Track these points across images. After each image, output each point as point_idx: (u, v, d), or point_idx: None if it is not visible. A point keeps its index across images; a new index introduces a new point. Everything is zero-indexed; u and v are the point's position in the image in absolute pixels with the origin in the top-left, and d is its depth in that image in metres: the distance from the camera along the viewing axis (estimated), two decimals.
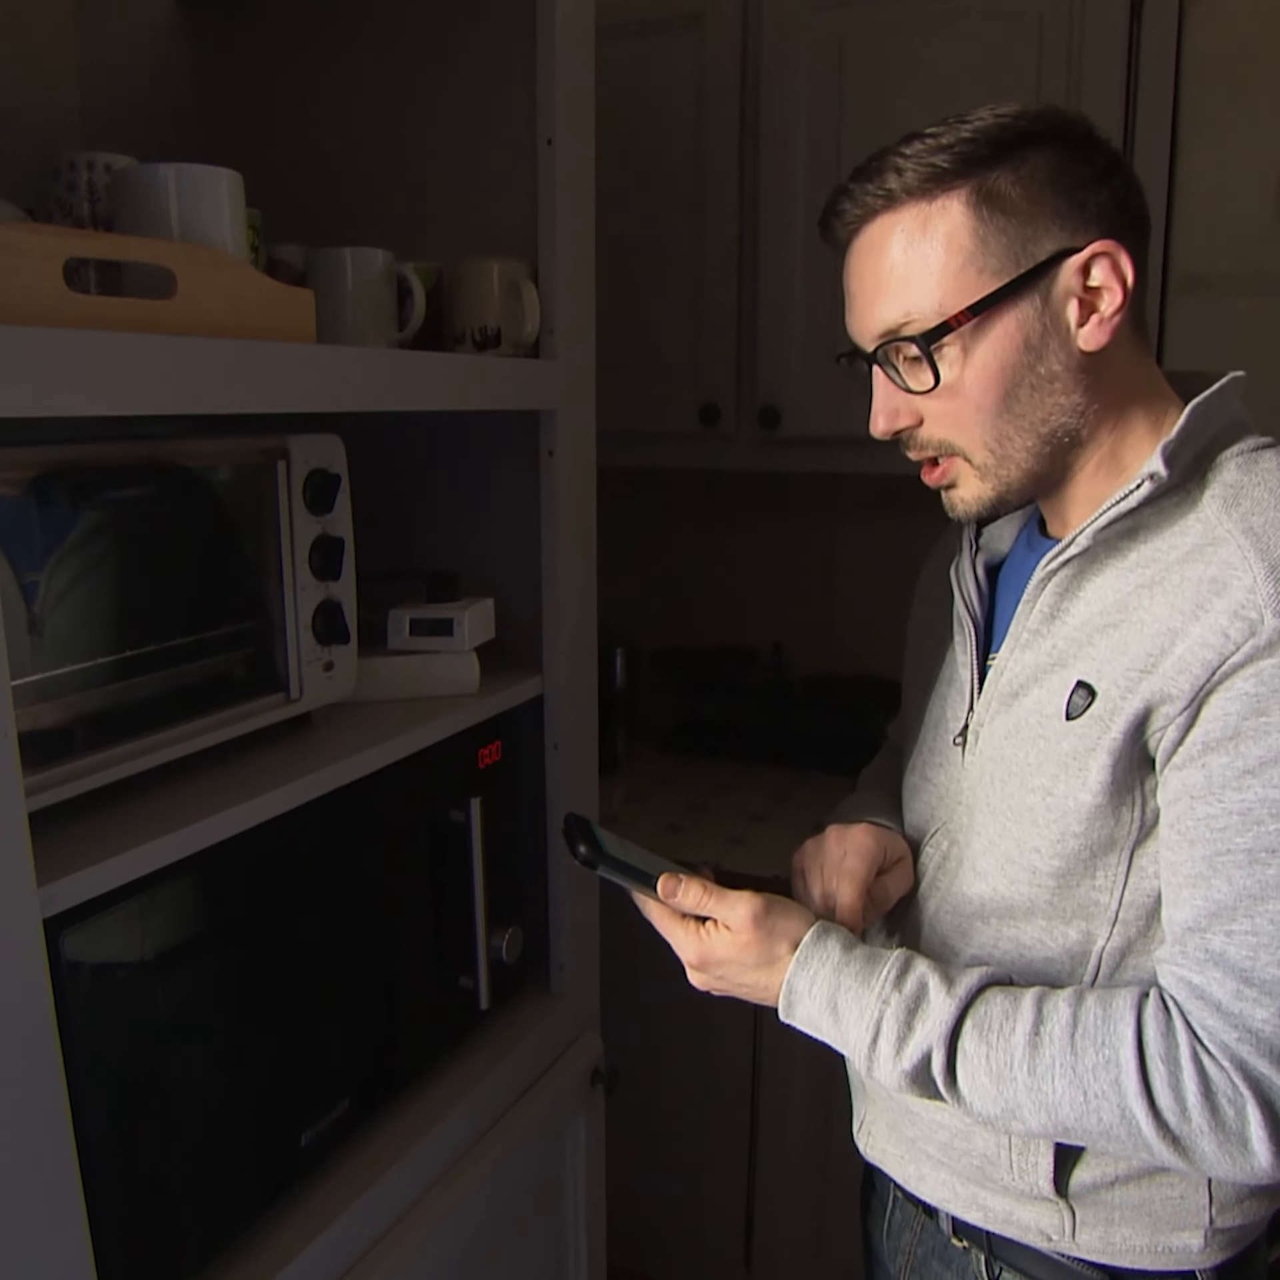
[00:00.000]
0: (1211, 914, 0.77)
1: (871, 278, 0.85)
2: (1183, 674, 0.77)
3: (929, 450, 0.89)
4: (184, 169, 0.84)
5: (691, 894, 0.88)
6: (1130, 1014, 0.78)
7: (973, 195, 0.81)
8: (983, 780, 0.92)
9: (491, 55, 1.18)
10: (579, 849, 0.87)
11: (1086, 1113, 0.78)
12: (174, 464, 0.87)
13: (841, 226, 0.87)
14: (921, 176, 0.82)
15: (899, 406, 0.88)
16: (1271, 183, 1.63)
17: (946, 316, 0.82)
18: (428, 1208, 1.06)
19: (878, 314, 0.85)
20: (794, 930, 0.87)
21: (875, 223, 0.85)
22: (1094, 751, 0.82)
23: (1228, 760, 0.77)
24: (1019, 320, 0.82)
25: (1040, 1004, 0.80)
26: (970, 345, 0.83)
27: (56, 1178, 0.72)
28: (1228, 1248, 0.89)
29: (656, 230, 1.86)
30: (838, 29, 1.71)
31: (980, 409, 0.84)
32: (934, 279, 0.82)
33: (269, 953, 0.92)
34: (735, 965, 0.88)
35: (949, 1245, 1.00)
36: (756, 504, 2.20)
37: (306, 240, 1.11)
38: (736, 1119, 1.82)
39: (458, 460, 1.26)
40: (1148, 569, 0.83)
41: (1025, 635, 0.90)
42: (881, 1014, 0.82)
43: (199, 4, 1.33)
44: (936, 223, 0.82)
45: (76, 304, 0.71)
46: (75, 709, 0.80)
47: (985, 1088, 0.80)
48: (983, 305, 0.82)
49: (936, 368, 0.83)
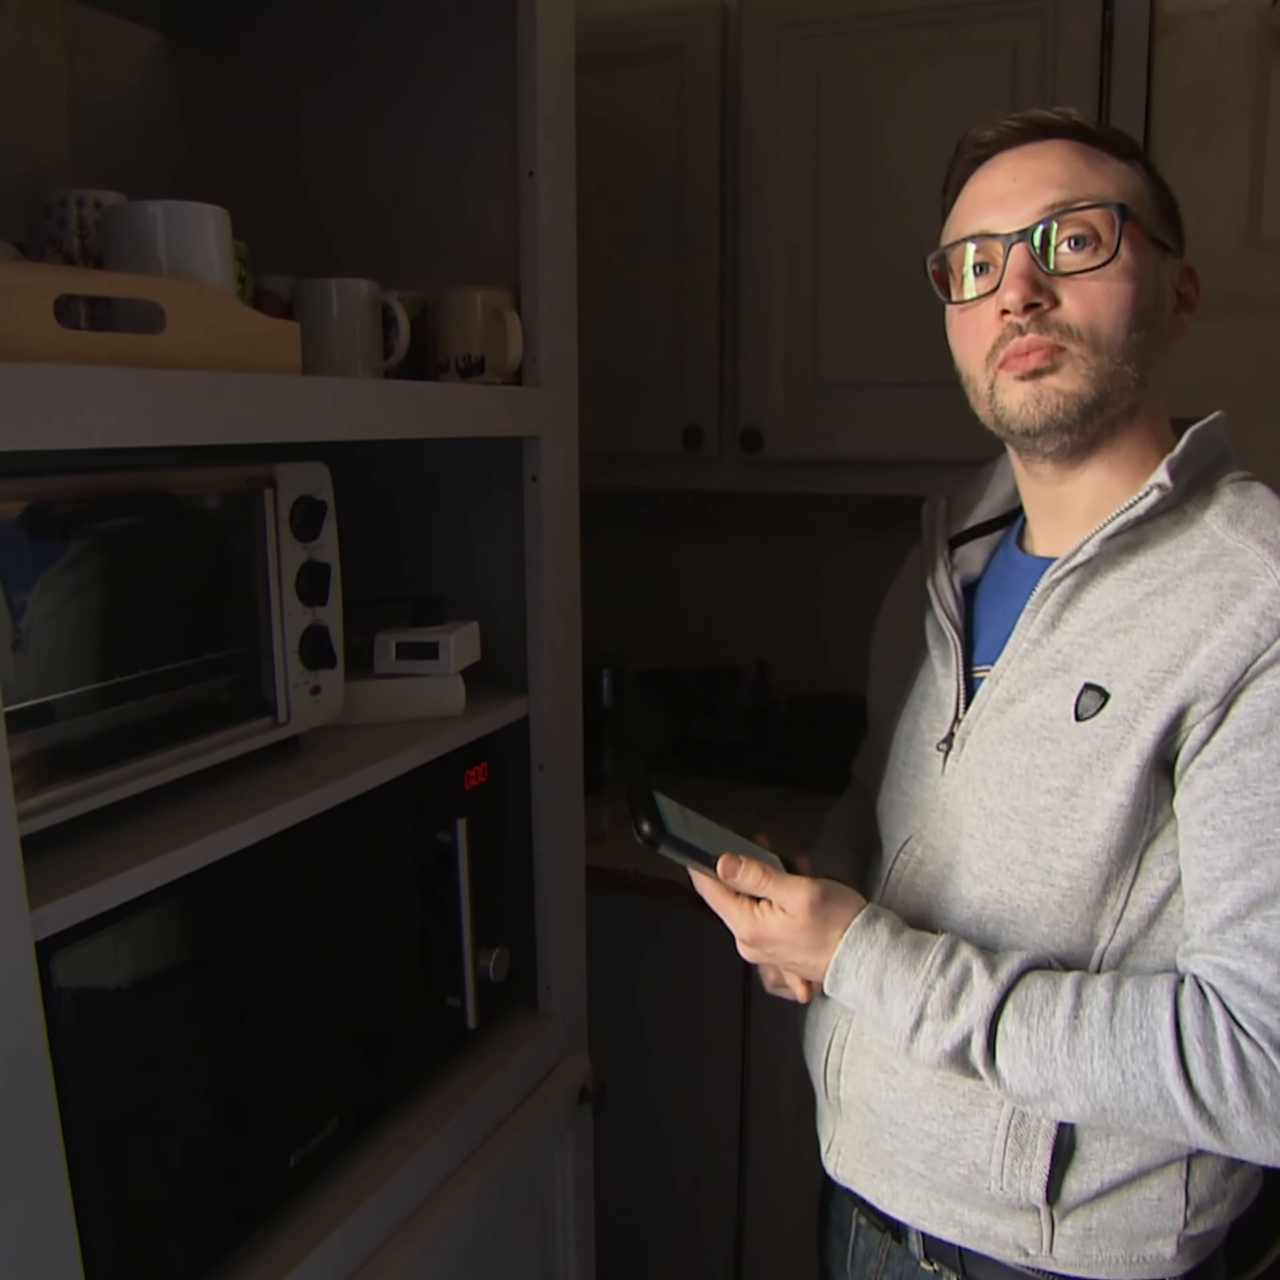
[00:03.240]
0: (1251, 903, 0.80)
1: (1065, 161, 0.88)
2: (1217, 671, 0.81)
3: (1052, 334, 0.87)
4: (172, 206, 0.86)
5: (751, 876, 0.91)
6: (1167, 998, 0.81)
7: (1144, 170, 0.91)
8: (970, 784, 0.94)
9: (473, 88, 1.20)
10: (642, 828, 0.89)
11: (1124, 1092, 0.80)
12: (162, 493, 0.88)
13: (1031, 130, 0.90)
14: (1106, 137, 0.90)
15: (1040, 280, 0.87)
16: (1242, 207, 1.66)
17: (1139, 214, 0.88)
18: (417, 1227, 1.07)
19: (1068, 187, 0.87)
20: (847, 917, 0.91)
21: (1075, 141, 0.89)
22: (1119, 751, 0.85)
23: (1261, 755, 0.80)
24: (1159, 268, 0.90)
25: (1080, 988, 0.84)
26: (1138, 251, 0.88)
27: (48, 1199, 0.73)
28: (1196, 1255, 0.92)
29: (639, 255, 1.88)
30: (816, 60, 1.74)
31: (1123, 310, 0.87)
32: (1130, 185, 0.89)
33: (258, 974, 0.93)
34: (787, 946, 0.92)
35: (918, 1270, 1.00)
36: (741, 525, 2.22)
37: (293, 271, 1.13)
38: (726, 1136, 1.82)
39: (443, 486, 1.28)
40: (1154, 579, 0.87)
41: (1025, 645, 0.92)
42: (926, 998, 0.86)
43: (186, 40, 1.35)
44: (1124, 162, 0.90)
45: (67, 340, 0.72)
46: (65, 735, 0.81)
47: (1026, 1068, 0.83)
48: (1152, 231, 0.89)
49: (1120, 241, 0.86)
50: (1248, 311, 1.65)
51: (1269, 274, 1.64)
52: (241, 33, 1.31)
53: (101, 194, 0.93)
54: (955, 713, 0.97)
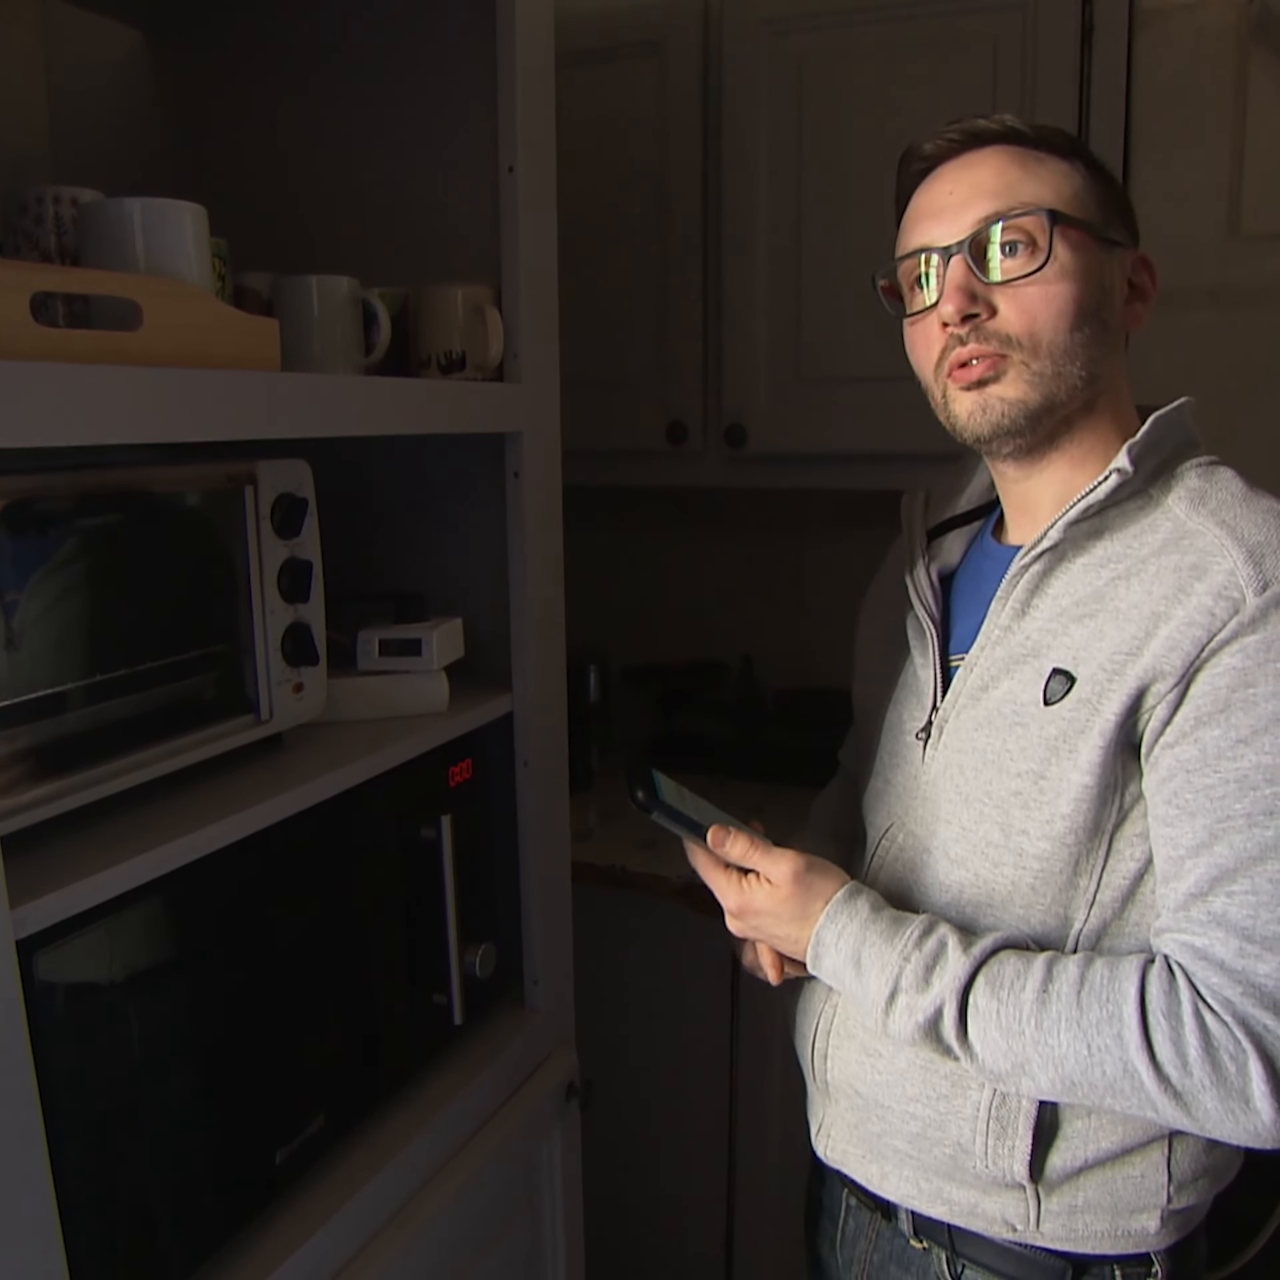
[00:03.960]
0: (1214, 879, 0.81)
1: (998, 170, 0.90)
2: (1174, 651, 0.82)
3: (992, 343, 0.89)
4: (149, 203, 0.85)
5: (738, 846, 0.93)
6: (1135, 974, 0.82)
7: (1083, 168, 0.91)
8: (948, 771, 0.95)
9: (453, 84, 1.20)
10: (636, 794, 0.92)
11: (1090, 1066, 0.81)
12: (143, 490, 0.88)
13: (967, 141, 0.92)
14: (1044, 139, 0.91)
15: (976, 291, 0.89)
16: (1222, 200, 1.67)
17: (1072, 215, 0.88)
18: (404, 1225, 1.07)
19: (1001, 196, 0.89)
20: (830, 889, 0.92)
21: (1012, 146, 0.91)
22: (1084, 734, 0.86)
23: (1220, 732, 0.81)
24: (1103, 264, 0.90)
25: (1051, 964, 0.85)
26: (1076, 251, 0.88)
27: (31, 1197, 0.73)
28: (1180, 1228, 0.93)
29: (621, 250, 1.88)
30: (797, 54, 1.74)
31: (1062, 313, 0.88)
32: (1067, 186, 0.90)
33: (242, 971, 0.93)
34: (771, 917, 0.93)
35: (908, 1247, 1.01)
36: (725, 520, 2.22)
37: (274, 268, 1.13)
38: (715, 1129, 1.83)
39: (425, 482, 1.28)
40: (1119, 563, 0.88)
41: (997, 632, 0.94)
42: (901, 969, 0.87)
43: (165, 37, 1.35)
44: (1064, 161, 0.91)
45: (43, 337, 0.72)
46: (46, 733, 0.81)
47: (996, 1041, 0.84)
48: (1091, 229, 0.89)
49: (1053, 244, 0.87)
50: (1229, 304, 1.66)
51: (1249, 267, 1.64)
52: (221, 30, 1.31)
53: (78, 191, 0.93)
54: (933, 701, 0.99)
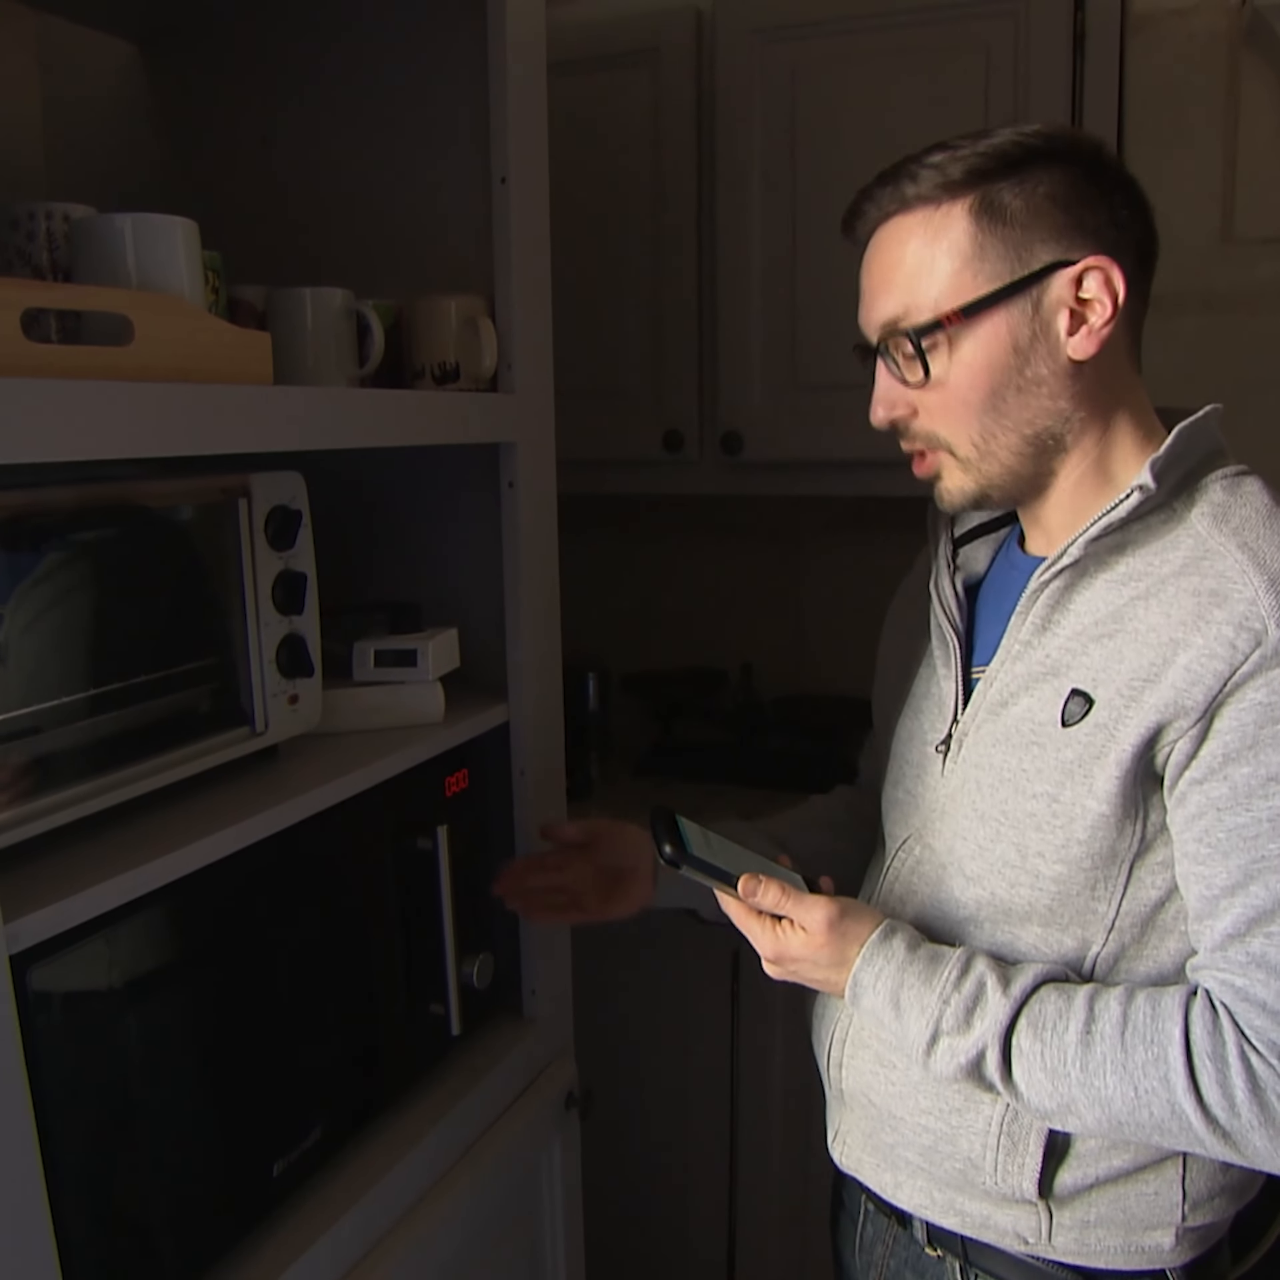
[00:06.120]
0: (1251, 920, 0.80)
1: (879, 273, 0.91)
2: (1195, 685, 0.80)
3: (918, 442, 0.93)
4: (140, 219, 0.86)
5: (770, 895, 0.92)
6: (1178, 1013, 0.81)
7: (976, 205, 0.87)
8: (966, 787, 0.94)
9: (446, 96, 1.20)
10: (664, 849, 0.91)
11: (1138, 1108, 0.81)
12: (137, 504, 0.88)
13: (861, 226, 0.92)
14: (934, 184, 0.87)
15: (896, 398, 0.92)
16: (1216, 204, 1.67)
17: (941, 314, 0.87)
18: (403, 1235, 1.06)
19: (881, 307, 0.91)
20: (865, 932, 0.91)
21: (890, 224, 0.90)
22: (1099, 760, 0.85)
23: (1250, 770, 0.80)
24: (1009, 324, 0.87)
25: (1092, 1002, 0.84)
26: (961, 343, 0.88)
27: (25, 1210, 0.73)
28: (1196, 1246, 0.92)
29: (615, 260, 1.89)
30: (790, 61, 1.74)
31: (967, 404, 0.89)
32: (933, 278, 0.88)
33: (239, 983, 0.93)
34: (808, 964, 0.93)
35: (923, 1255, 1.01)
36: (722, 528, 2.22)
37: (268, 280, 1.13)
38: (716, 1138, 1.83)
39: (419, 493, 1.28)
40: (1140, 582, 0.86)
41: (1017, 647, 0.92)
42: (941, 1013, 0.86)
43: (160, 51, 1.35)
44: (941, 227, 0.87)
45: (35, 353, 0.72)
46: (41, 747, 0.81)
47: (1041, 1083, 0.84)
48: (975, 307, 0.87)
49: (926, 361, 0.88)
50: (1222, 308, 1.67)
51: (1242, 271, 1.65)
52: (215, 45, 1.31)
53: (70, 207, 0.93)
54: (954, 714, 0.98)
